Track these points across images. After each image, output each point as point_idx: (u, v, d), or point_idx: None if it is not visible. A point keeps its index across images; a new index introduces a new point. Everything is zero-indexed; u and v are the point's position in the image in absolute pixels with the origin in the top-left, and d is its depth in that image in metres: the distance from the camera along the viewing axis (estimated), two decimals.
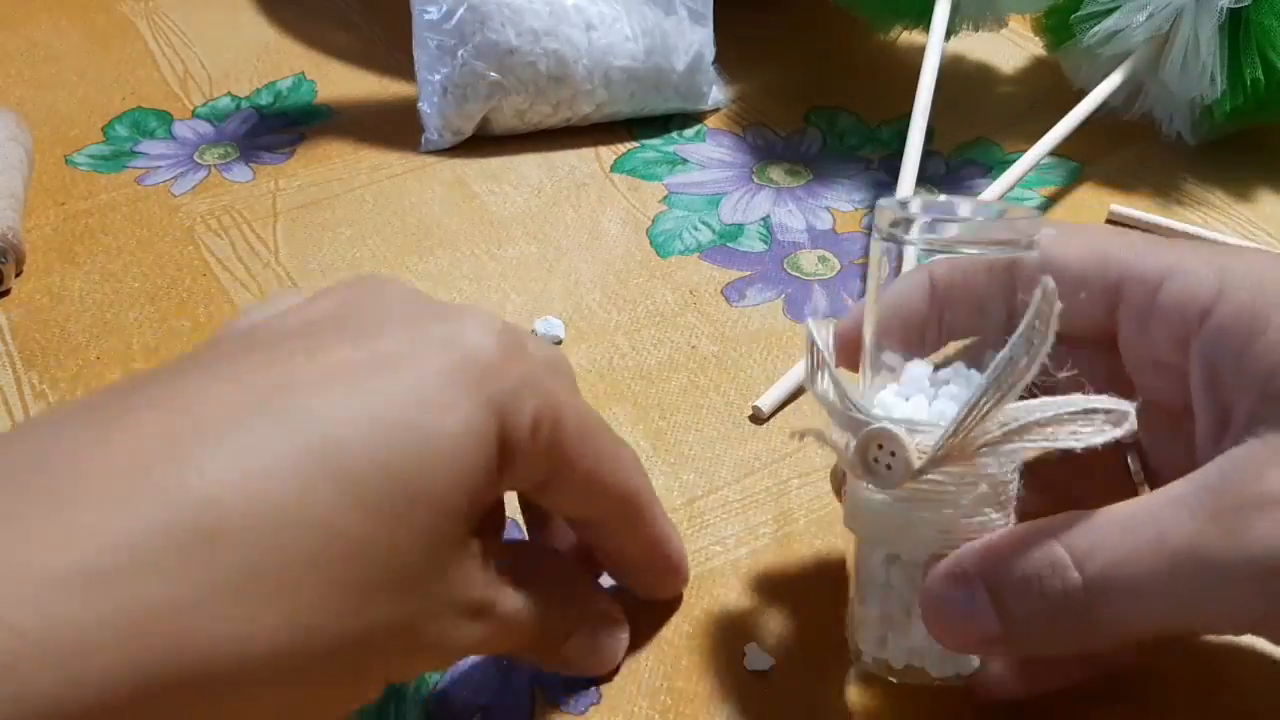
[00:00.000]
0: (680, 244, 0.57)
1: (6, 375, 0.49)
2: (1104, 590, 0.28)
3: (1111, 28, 0.60)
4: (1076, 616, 0.29)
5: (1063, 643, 0.30)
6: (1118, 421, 0.29)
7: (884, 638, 0.34)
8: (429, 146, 0.63)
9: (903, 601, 0.33)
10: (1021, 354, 0.29)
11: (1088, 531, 0.29)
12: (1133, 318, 0.33)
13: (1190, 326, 0.31)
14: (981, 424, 0.30)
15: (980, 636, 0.30)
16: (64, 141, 0.64)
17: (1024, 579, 0.29)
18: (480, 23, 0.60)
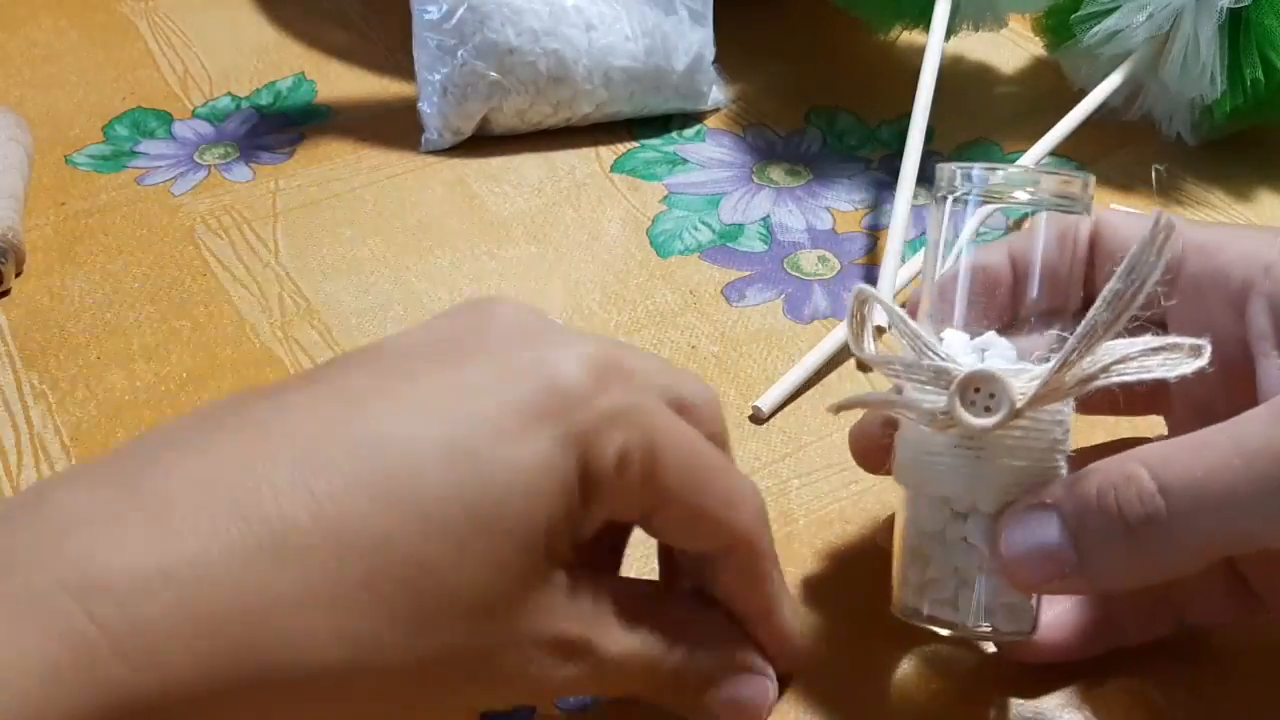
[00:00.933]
0: (680, 244, 0.57)
1: (6, 375, 0.49)
2: (1183, 499, 0.28)
3: (1111, 28, 0.60)
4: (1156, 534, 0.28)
5: (1141, 568, 0.29)
6: (1198, 353, 0.30)
7: (953, 597, 0.34)
8: (429, 146, 0.63)
9: (972, 557, 0.33)
10: (1129, 285, 0.30)
11: (1163, 450, 0.29)
12: (1191, 286, 0.33)
13: (1252, 282, 0.32)
14: (1081, 361, 0.31)
15: (1056, 569, 0.30)
16: (64, 141, 0.64)
17: (1101, 498, 0.29)
18: (480, 23, 0.60)
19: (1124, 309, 0.30)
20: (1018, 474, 0.32)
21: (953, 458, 0.33)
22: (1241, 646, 0.38)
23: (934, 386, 0.32)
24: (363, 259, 0.56)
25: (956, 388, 0.32)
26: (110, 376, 0.49)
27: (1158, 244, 0.30)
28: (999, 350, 0.34)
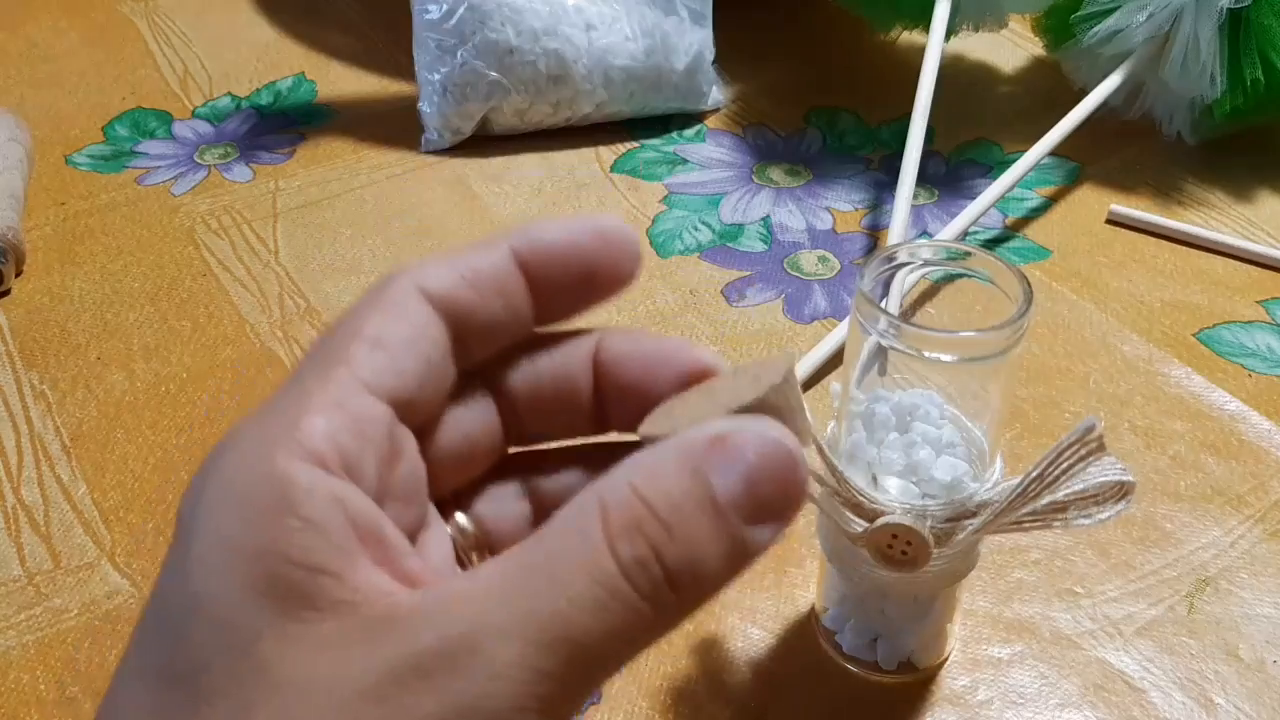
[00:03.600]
0: (680, 244, 0.57)
1: (6, 375, 0.49)
2: None
3: (1111, 28, 0.60)
4: None
5: None
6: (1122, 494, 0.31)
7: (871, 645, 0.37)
8: (429, 146, 0.63)
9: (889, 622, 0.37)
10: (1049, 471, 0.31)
11: None
12: None
13: None
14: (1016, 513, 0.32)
15: None
16: (64, 141, 0.64)
17: None
18: (480, 22, 0.60)
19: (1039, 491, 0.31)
20: (932, 579, 0.34)
21: (869, 566, 0.34)
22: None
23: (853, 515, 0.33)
24: (363, 259, 0.56)
25: (871, 538, 0.32)
26: (110, 376, 0.49)
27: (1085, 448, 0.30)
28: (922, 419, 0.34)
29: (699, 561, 0.20)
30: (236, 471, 0.21)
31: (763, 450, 0.20)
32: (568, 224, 0.25)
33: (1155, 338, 0.52)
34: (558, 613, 0.19)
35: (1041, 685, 0.38)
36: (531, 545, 0.20)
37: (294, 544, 0.20)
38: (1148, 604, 0.40)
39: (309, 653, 0.20)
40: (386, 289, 0.24)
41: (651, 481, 0.20)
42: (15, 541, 0.43)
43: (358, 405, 0.22)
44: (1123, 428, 0.47)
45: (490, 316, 0.24)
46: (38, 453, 0.46)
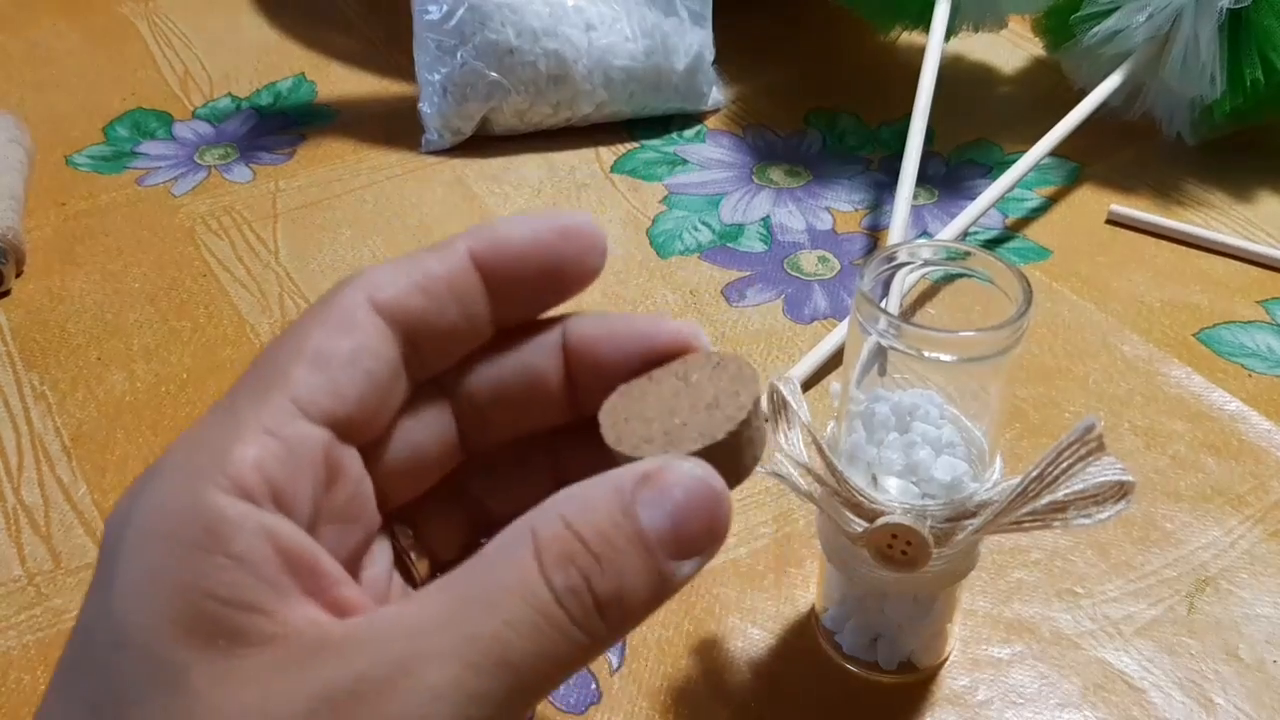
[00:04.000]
0: (680, 244, 0.57)
1: (6, 375, 0.49)
2: None
3: (1111, 28, 0.60)
4: None
5: None
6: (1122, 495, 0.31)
7: (871, 645, 0.37)
8: (429, 147, 0.63)
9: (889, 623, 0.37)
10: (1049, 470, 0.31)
11: None
12: None
13: None
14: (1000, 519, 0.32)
15: None
16: (64, 142, 0.64)
17: None
18: (480, 23, 0.60)
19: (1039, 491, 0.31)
20: (932, 579, 0.34)
21: (869, 566, 0.34)
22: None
23: (853, 515, 0.33)
24: (363, 260, 0.56)
25: (872, 536, 0.32)
26: (110, 377, 0.49)
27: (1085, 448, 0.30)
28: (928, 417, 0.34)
29: (627, 592, 0.21)
30: (164, 503, 0.20)
31: (689, 490, 0.21)
32: (529, 223, 0.25)
33: (1155, 338, 0.52)
34: (496, 635, 0.20)
35: (1041, 685, 0.38)
36: (465, 575, 0.21)
37: (222, 582, 0.20)
38: (1148, 604, 0.40)
39: (239, 684, 0.19)
40: (334, 300, 0.23)
41: (583, 515, 0.21)
42: (15, 542, 0.43)
43: (291, 431, 0.22)
44: (1123, 428, 0.47)
45: (446, 325, 0.24)
46: (38, 453, 0.46)
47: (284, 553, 0.20)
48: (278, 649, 0.20)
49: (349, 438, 0.23)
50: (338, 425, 0.22)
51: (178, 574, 0.20)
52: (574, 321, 0.26)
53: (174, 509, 0.20)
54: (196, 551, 0.20)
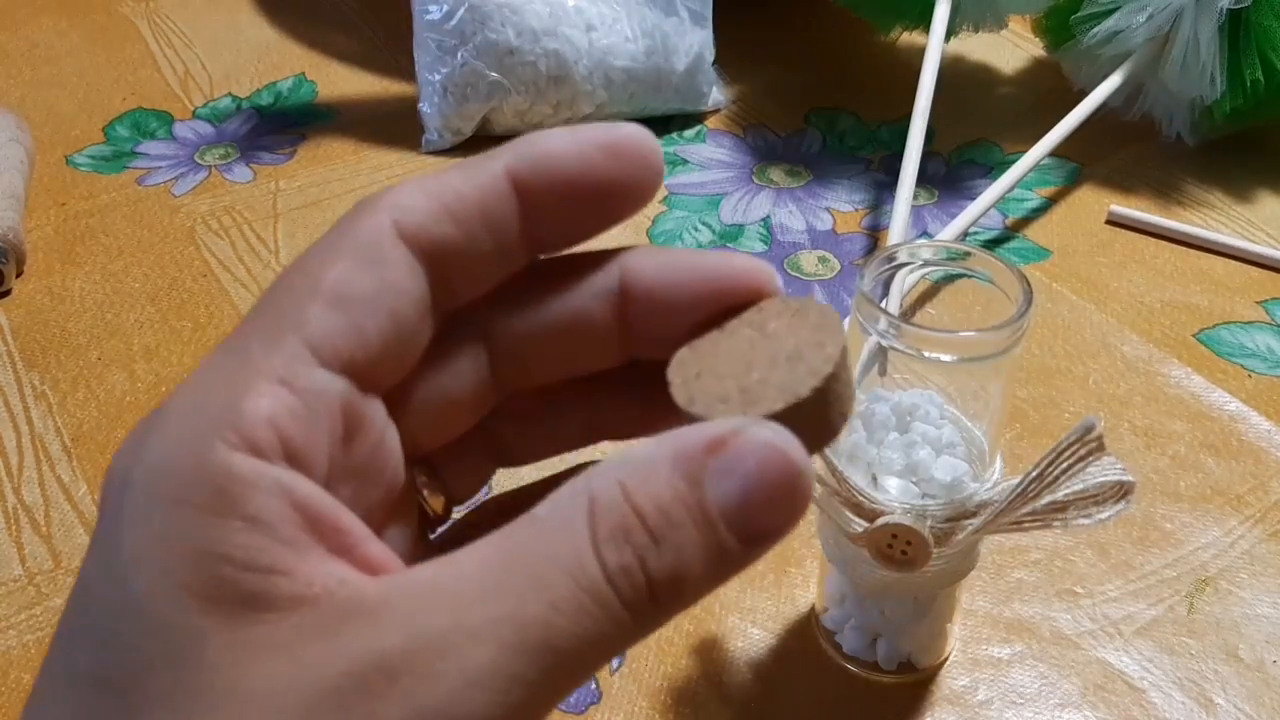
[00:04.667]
0: (680, 244, 0.57)
1: (7, 375, 0.49)
2: None
3: (1111, 28, 0.60)
4: None
5: None
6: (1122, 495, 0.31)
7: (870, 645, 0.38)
8: (430, 147, 0.64)
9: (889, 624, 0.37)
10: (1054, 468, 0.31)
11: None
12: None
13: None
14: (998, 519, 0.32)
15: None
16: (65, 142, 0.64)
17: None
18: (480, 23, 0.60)
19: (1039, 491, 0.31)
20: (932, 579, 0.34)
21: (869, 566, 0.34)
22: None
23: (853, 515, 0.33)
24: None
25: (871, 538, 0.32)
26: (111, 377, 0.49)
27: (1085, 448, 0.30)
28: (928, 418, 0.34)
29: (683, 573, 0.19)
30: (171, 459, 0.19)
31: (764, 460, 0.19)
32: (577, 139, 0.22)
33: (1155, 338, 0.52)
34: (539, 617, 0.18)
35: (1041, 685, 0.38)
36: (513, 537, 0.19)
37: (238, 545, 0.18)
38: (1148, 604, 0.40)
39: (262, 656, 0.18)
40: (356, 226, 0.21)
41: (643, 484, 0.19)
42: (16, 542, 0.43)
43: (308, 380, 0.20)
44: (1123, 428, 0.47)
45: (477, 254, 0.21)
46: (38, 453, 0.46)
47: (303, 510, 0.19)
48: (305, 612, 0.18)
49: (370, 386, 0.21)
50: (358, 373, 0.21)
51: (190, 539, 0.18)
52: (632, 257, 0.23)
53: (182, 468, 0.19)
54: (208, 514, 0.18)
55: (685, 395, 0.21)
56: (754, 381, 0.20)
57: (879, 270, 0.33)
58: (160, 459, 0.19)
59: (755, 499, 0.19)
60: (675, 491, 0.19)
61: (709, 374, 0.21)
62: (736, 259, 0.22)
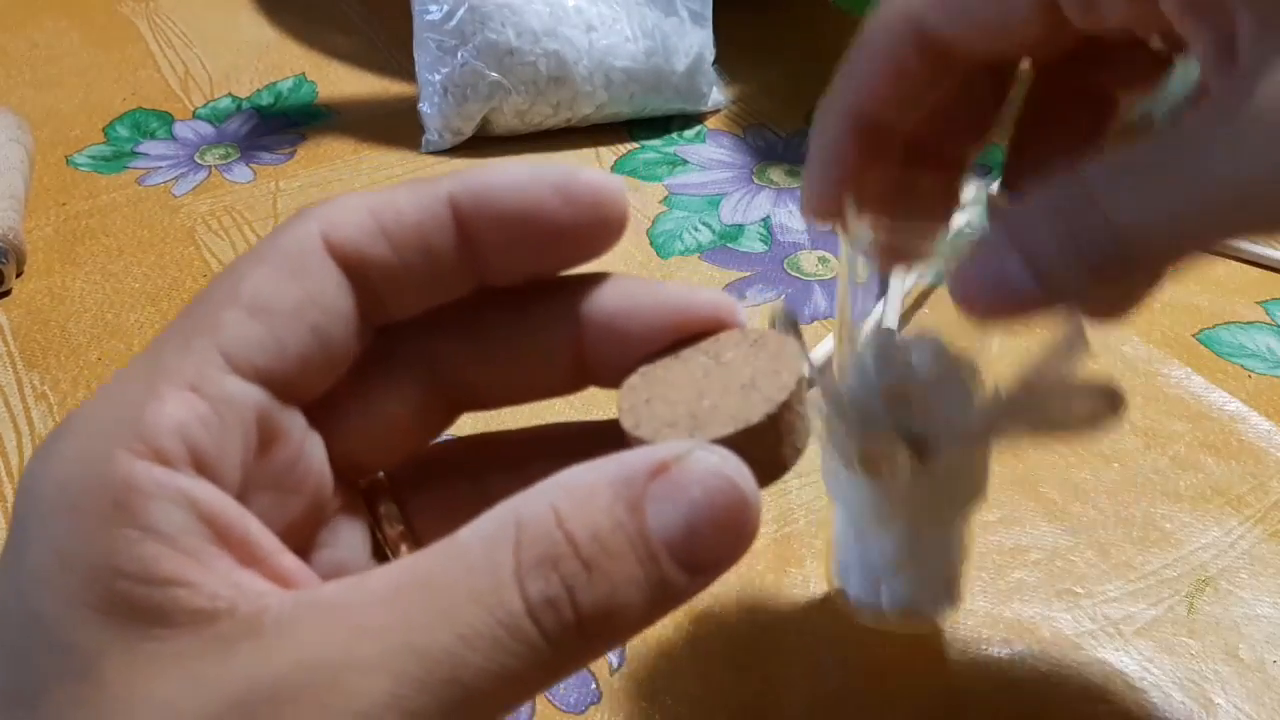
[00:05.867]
0: (680, 245, 0.57)
1: (7, 375, 0.50)
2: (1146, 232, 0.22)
3: None
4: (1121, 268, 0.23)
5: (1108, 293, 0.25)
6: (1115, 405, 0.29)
7: (874, 590, 0.35)
8: (430, 147, 0.64)
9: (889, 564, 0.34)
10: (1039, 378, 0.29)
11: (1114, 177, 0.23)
12: None
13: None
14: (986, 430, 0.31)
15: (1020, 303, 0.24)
16: (65, 142, 0.64)
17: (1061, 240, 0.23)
18: (481, 23, 0.60)
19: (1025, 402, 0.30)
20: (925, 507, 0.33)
21: (870, 491, 0.33)
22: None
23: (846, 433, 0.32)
24: None
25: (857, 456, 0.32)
26: (111, 377, 0.49)
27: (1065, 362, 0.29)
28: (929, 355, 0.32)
29: (617, 606, 0.18)
30: (71, 470, 0.18)
31: (710, 487, 0.18)
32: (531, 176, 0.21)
33: (1155, 338, 0.52)
34: (445, 649, 0.17)
35: (1041, 685, 0.38)
36: (428, 560, 0.18)
37: (134, 557, 0.18)
38: (1148, 604, 0.40)
39: (155, 671, 0.17)
40: (284, 236, 0.20)
41: (579, 509, 0.18)
42: None
43: (217, 389, 0.19)
44: (1123, 428, 0.47)
45: (409, 276, 0.21)
46: None
47: (209, 521, 0.18)
48: (204, 627, 0.18)
49: (288, 398, 0.20)
50: (275, 384, 0.20)
51: (87, 552, 0.18)
52: (591, 286, 0.22)
53: (79, 477, 0.18)
54: (105, 525, 0.18)
55: (632, 419, 0.20)
56: (705, 407, 0.20)
57: None
58: (60, 470, 0.18)
59: (700, 529, 0.18)
60: (614, 519, 0.18)
61: (659, 400, 0.20)
62: (701, 292, 0.22)
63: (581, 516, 0.18)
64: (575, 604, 0.17)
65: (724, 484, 0.18)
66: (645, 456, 0.18)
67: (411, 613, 0.17)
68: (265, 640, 0.17)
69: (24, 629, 0.18)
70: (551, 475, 0.18)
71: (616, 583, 0.18)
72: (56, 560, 0.18)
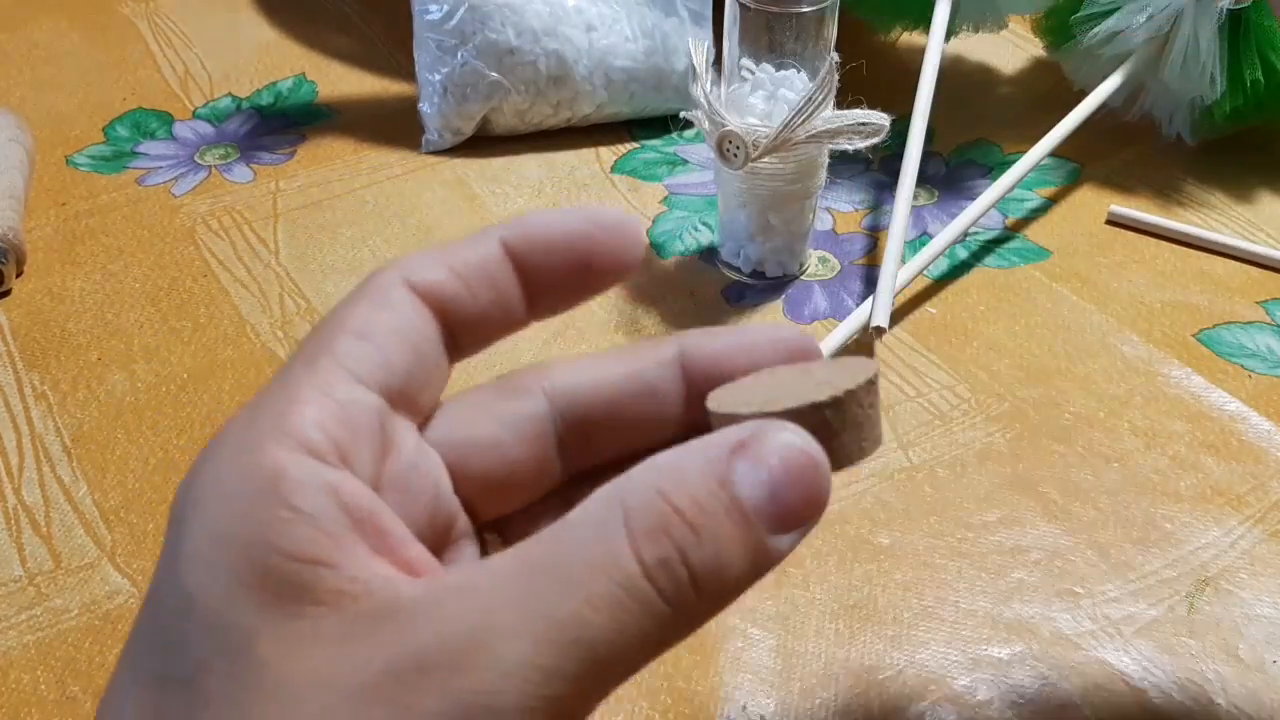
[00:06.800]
0: (680, 244, 0.57)
1: (7, 375, 0.49)
2: None
3: (1111, 29, 0.60)
4: None
5: None
6: (875, 133, 0.50)
7: (736, 253, 0.55)
8: (430, 147, 0.64)
9: (746, 232, 0.54)
10: (818, 94, 0.48)
11: None
12: None
13: None
14: (793, 132, 0.49)
15: None
16: (65, 142, 0.64)
17: None
18: (481, 23, 0.60)
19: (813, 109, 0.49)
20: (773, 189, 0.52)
21: (737, 178, 0.52)
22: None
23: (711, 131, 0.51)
24: (363, 259, 0.56)
25: (716, 140, 0.51)
26: (111, 377, 0.49)
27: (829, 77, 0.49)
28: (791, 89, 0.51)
29: (725, 565, 0.20)
30: (226, 466, 0.20)
31: (787, 457, 0.20)
32: (561, 215, 0.24)
33: (1155, 338, 0.52)
34: (573, 613, 0.19)
35: (1041, 685, 0.38)
36: (544, 542, 0.20)
37: (285, 535, 0.19)
38: (1148, 604, 0.40)
39: (307, 649, 0.19)
40: (371, 283, 0.23)
41: (677, 485, 0.20)
42: (16, 542, 0.43)
43: (346, 393, 0.21)
44: (1123, 428, 0.47)
45: (480, 310, 0.24)
46: (39, 453, 0.46)
47: (349, 509, 0.20)
48: (347, 609, 0.19)
49: (399, 408, 0.23)
50: (388, 394, 0.22)
51: (241, 532, 0.19)
52: (690, 338, 0.25)
53: (235, 469, 0.20)
54: (259, 507, 0.19)
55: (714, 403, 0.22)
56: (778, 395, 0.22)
57: None
58: (218, 467, 0.20)
59: (782, 494, 0.20)
60: (709, 490, 0.20)
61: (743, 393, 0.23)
62: (786, 330, 0.25)
63: (680, 490, 0.20)
64: (688, 564, 0.19)
65: (797, 453, 0.20)
66: (724, 437, 0.20)
67: (538, 586, 0.19)
68: (406, 617, 0.19)
69: (178, 612, 0.19)
70: None
71: (721, 545, 0.20)
72: (211, 541, 0.19)
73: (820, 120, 0.49)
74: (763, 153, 0.49)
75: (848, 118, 0.50)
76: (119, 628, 0.40)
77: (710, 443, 0.20)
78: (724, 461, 0.20)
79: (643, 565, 0.19)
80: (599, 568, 0.19)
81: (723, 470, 0.20)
